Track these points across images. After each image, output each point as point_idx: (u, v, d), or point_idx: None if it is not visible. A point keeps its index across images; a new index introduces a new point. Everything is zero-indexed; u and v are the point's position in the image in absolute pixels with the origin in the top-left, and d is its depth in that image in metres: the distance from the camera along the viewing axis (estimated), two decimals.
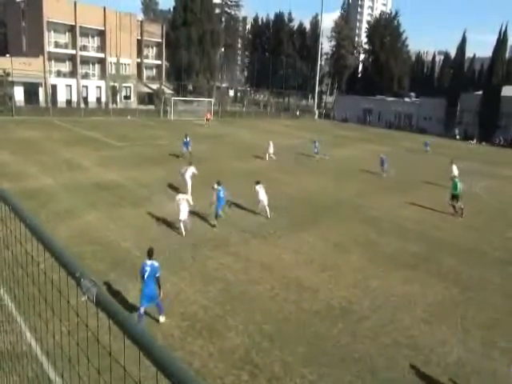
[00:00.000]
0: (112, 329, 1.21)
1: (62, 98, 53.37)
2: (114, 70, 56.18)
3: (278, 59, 74.57)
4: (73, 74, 54.84)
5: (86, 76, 56.02)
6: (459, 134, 54.52)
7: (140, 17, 72.69)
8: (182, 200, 13.65)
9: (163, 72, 64.96)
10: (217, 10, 72.26)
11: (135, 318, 8.00)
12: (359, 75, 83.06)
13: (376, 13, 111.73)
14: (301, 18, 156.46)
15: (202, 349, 7.98)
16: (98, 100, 56.80)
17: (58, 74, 53.83)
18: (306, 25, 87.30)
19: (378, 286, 11.10)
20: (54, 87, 52.55)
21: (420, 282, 11.55)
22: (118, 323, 1.22)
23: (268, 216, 15.81)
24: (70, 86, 54.32)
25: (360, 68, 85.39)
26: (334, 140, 41.97)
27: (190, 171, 17.97)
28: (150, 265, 8.37)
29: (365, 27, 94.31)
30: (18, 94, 47.07)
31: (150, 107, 56.13)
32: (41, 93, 51.14)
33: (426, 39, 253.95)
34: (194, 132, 35.67)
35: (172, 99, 52.71)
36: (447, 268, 12.66)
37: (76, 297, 1.54)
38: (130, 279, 10.04)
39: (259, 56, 76.81)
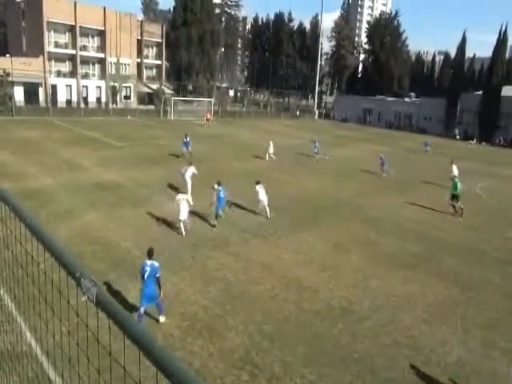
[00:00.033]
0: (112, 329, 1.21)
1: (62, 97, 53.37)
2: (114, 70, 56.18)
3: (278, 59, 74.58)
4: (73, 74, 54.84)
5: (86, 76, 56.03)
6: (459, 133, 54.53)
7: (140, 17, 72.82)
8: (182, 200, 13.66)
9: (163, 72, 64.98)
10: (217, 10, 72.29)
11: (135, 318, 8.00)
12: (359, 75, 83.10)
13: (376, 13, 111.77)
14: (301, 18, 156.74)
15: (202, 349, 7.98)
16: (98, 100, 56.81)
17: (58, 74, 53.84)
18: (306, 25, 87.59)
19: (378, 286, 11.10)
20: (54, 87, 52.56)
21: (420, 281, 11.56)
22: (117, 323, 1.22)
23: (268, 216, 15.82)
24: (70, 86, 54.33)
25: (360, 68, 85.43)
26: (334, 140, 41.97)
27: (190, 171, 18.00)
28: (150, 265, 8.37)
29: (365, 27, 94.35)
30: (18, 94, 47.07)
31: (150, 107, 56.13)
32: (41, 93, 51.15)
33: (426, 39, 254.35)
34: (194, 132, 35.67)
35: (172, 99, 52.70)
36: (447, 268, 12.67)
37: (76, 297, 1.54)
38: (129, 279, 10.04)
39: (259, 56, 76.83)
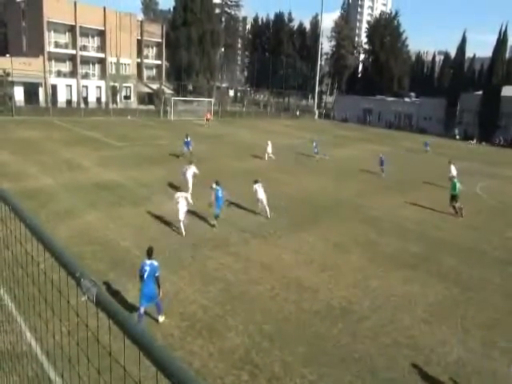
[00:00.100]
0: (112, 329, 1.21)
1: (62, 98, 53.37)
2: (114, 70, 56.19)
3: (278, 59, 74.58)
4: (73, 73, 54.84)
5: (86, 76, 56.03)
6: (459, 134, 54.54)
7: (140, 17, 72.80)
8: (181, 198, 13.63)
9: (163, 72, 64.97)
10: (217, 10, 72.27)
11: (135, 317, 8.00)
12: (359, 75, 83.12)
13: (376, 13, 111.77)
14: (301, 17, 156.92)
15: (202, 349, 7.98)
16: (98, 100, 56.80)
17: (58, 73, 53.84)
18: (306, 25, 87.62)
19: (377, 286, 11.10)
20: (54, 87, 52.55)
21: (420, 281, 11.55)
22: (117, 323, 1.22)
23: (268, 216, 15.82)
24: (70, 86, 54.33)
25: (360, 68, 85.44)
26: (334, 140, 41.98)
27: (192, 170, 18.07)
28: (149, 264, 8.37)
29: (365, 27, 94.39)
30: (18, 94, 47.06)
31: (150, 107, 56.12)
32: (41, 93, 51.14)
33: (426, 39, 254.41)
34: (194, 132, 35.65)
35: (172, 99, 52.69)
36: (447, 268, 12.67)
37: (76, 297, 1.54)
38: (129, 279, 10.03)
39: (259, 56, 76.83)
